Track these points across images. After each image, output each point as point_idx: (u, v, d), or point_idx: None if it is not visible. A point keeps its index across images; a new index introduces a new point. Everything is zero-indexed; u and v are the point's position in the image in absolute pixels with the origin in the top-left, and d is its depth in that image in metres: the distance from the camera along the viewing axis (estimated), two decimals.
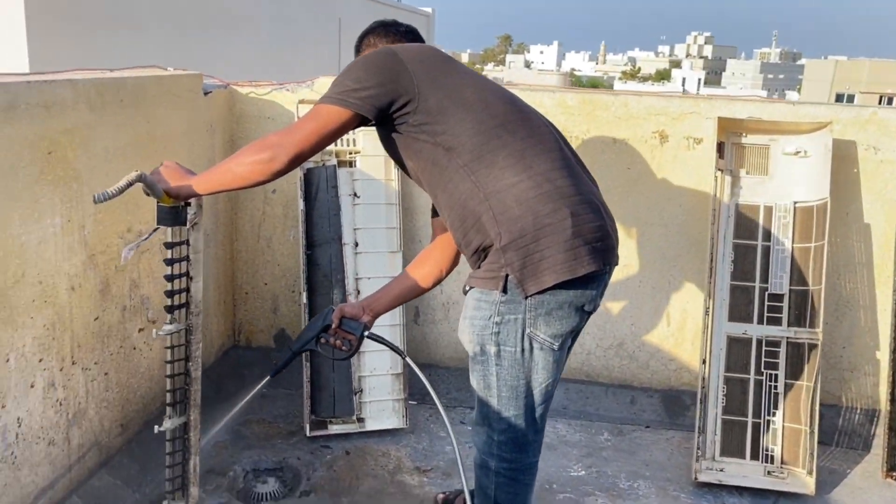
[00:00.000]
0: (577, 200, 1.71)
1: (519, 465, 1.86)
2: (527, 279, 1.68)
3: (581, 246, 1.68)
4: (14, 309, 1.90)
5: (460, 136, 1.71)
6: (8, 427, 1.92)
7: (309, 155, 1.73)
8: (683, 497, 2.52)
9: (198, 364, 2.03)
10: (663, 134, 2.84)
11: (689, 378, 3.02)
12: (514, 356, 1.75)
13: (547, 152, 1.75)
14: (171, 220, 1.87)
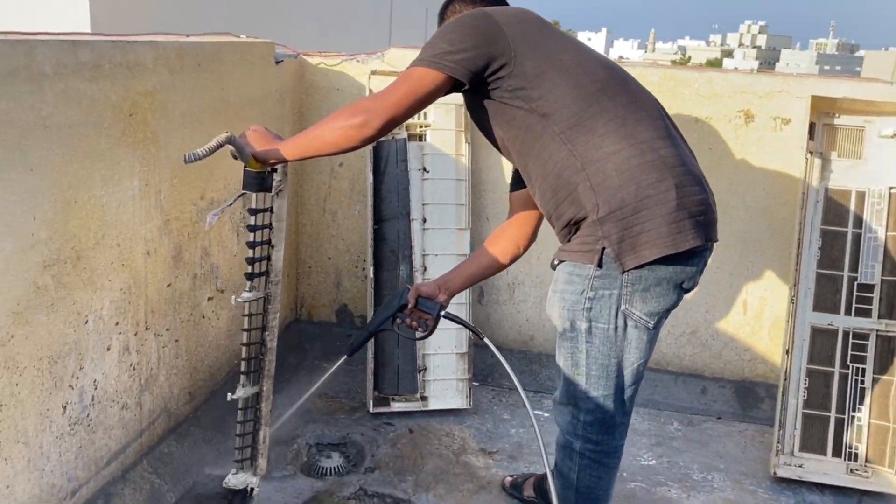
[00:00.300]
0: (681, 171, 1.63)
1: (605, 447, 1.79)
2: (625, 253, 1.60)
3: (685, 219, 1.60)
4: (94, 271, 1.89)
5: (557, 101, 1.63)
6: (85, 389, 1.92)
7: (401, 120, 1.67)
8: (761, 492, 2.42)
9: (274, 334, 2.00)
10: (749, 113, 2.71)
11: (765, 369, 2.90)
12: (607, 333, 1.68)
13: (650, 119, 1.66)
14: (257, 186, 1.83)
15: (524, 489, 2.28)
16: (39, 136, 1.65)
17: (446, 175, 2.85)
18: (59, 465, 1.85)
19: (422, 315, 2.01)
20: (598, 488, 1.83)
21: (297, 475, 2.39)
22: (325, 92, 3.03)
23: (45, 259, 1.71)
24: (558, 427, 1.86)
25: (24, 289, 1.66)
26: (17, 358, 1.67)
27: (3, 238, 1.58)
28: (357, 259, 3.17)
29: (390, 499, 2.29)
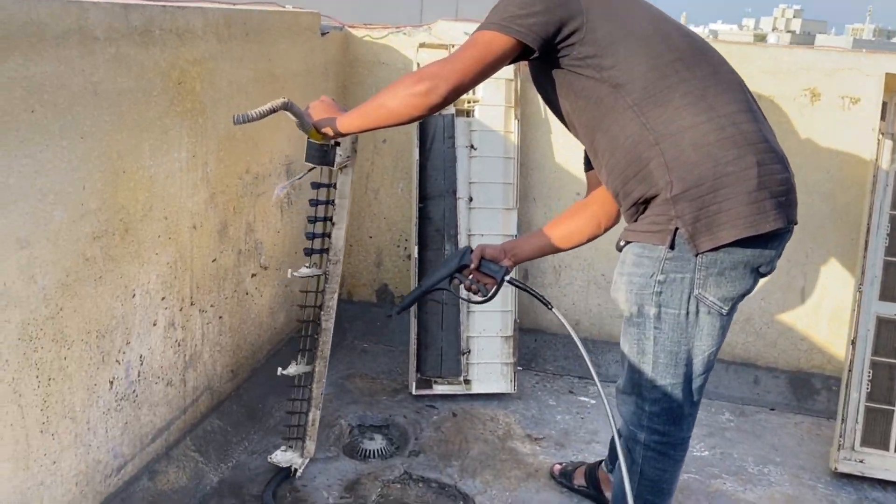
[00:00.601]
0: (763, 148, 1.51)
1: (671, 439, 1.70)
2: (700, 234, 1.49)
3: (766, 199, 1.49)
4: (141, 244, 1.84)
5: (631, 70, 1.52)
6: (131, 364, 1.87)
7: (468, 87, 1.58)
8: (821, 487, 2.32)
9: (330, 314, 1.94)
10: (815, 92, 2.58)
11: (821, 360, 2.79)
12: (677, 319, 1.58)
13: (731, 92, 1.55)
14: (319, 159, 1.77)
15: (574, 477, 2.20)
16: (90, 102, 1.59)
17: (494, 153, 2.76)
18: (105, 440, 1.81)
19: (484, 278, 1.86)
20: (662, 481, 1.74)
21: (339, 457, 2.34)
22: (370, 66, 2.95)
23: (94, 230, 1.66)
24: (621, 417, 1.77)
25: (73, 260, 1.61)
26: (66, 331, 1.62)
27: (54, 206, 1.53)
28: (399, 238, 3.11)
29: (436, 484, 2.23)
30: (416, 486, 2.22)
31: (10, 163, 1.41)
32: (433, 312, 2.74)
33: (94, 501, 1.80)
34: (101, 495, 1.83)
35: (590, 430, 2.57)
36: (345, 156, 1.82)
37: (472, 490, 2.20)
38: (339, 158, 1.80)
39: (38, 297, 1.53)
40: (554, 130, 2.85)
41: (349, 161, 1.83)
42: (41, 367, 1.57)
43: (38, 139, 1.47)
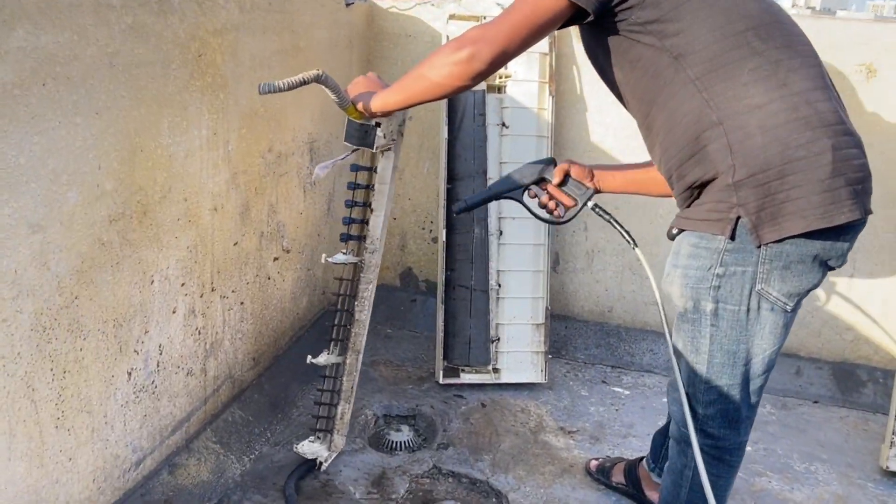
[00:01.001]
0: (839, 130, 1.36)
1: (727, 443, 1.58)
2: (764, 224, 1.36)
3: (841, 187, 1.34)
4: (160, 227, 1.73)
5: (696, 40, 1.37)
6: (150, 354, 1.78)
7: (515, 53, 1.43)
8: (871, 487, 2.20)
9: (364, 305, 1.82)
10: (871, 67, 2.43)
11: (868, 351, 2.66)
12: (736, 316, 1.45)
13: (807, 67, 1.38)
14: (358, 139, 1.63)
15: (612, 474, 2.10)
16: (105, 75, 1.48)
17: (527, 131, 2.63)
18: (123, 434, 1.72)
19: (563, 197, 1.69)
20: (715, 487, 1.59)
21: (365, 448, 2.24)
22: (396, 38, 2.81)
23: (110, 213, 1.56)
24: (673, 419, 1.65)
25: (88, 245, 1.51)
26: (82, 321, 1.52)
27: (68, 188, 1.42)
28: (424, 220, 2.99)
29: (466, 479, 2.14)
30: (445, 482, 2.12)
31: (21, 141, 1.30)
32: (461, 299, 2.62)
33: (112, 498, 1.71)
34: (120, 491, 1.74)
35: (625, 423, 2.46)
36: (389, 138, 1.68)
37: (504, 486, 2.10)
38: (380, 140, 1.66)
39: (51, 284, 1.43)
40: (590, 108, 2.71)
41: (393, 144, 1.69)
42: (56, 360, 1.47)
43: (50, 115, 1.36)
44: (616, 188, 1.75)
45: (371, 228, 1.77)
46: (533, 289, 2.65)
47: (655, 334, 2.84)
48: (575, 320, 2.92)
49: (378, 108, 1.57)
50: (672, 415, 1.64)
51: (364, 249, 1.79)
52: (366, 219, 1.76)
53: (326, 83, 1.51)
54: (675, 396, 1.62)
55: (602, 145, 2.72)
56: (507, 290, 2.64)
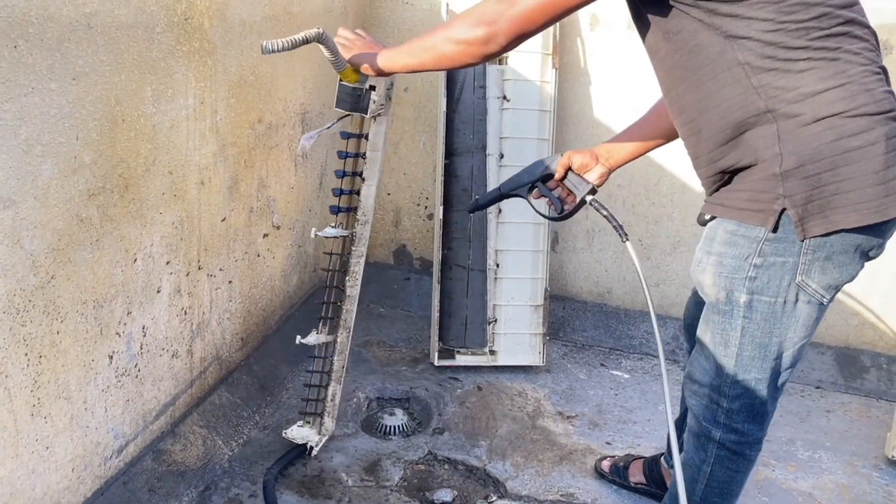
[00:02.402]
0: (892, 115, 1.28)
1: (749, 438, 1.51)
2: (811, 217, 1.28)
3: (894, 179, 1.26)
4: (143, 202, 1.63)
5: (753, 25, 1.25)
6: (133, 336, 1.68)
7: (531, 35, 1.34)
8: (876, 476, 2.15)
9: (355, 280, 1.74)
10: (888, 44, 2.34)
11: (873, 336, 2.61)
12: (772, 308, 1.37)
13: (866, 51, 1.29)
14: (351, 104, 1.55)
15: (630, 474, 2.00)
16: (83, 37, 1.36)
17: (529, 105, 2.53)
18: (104, 420, 1.63)
19: (566, 193, 1.67)
20: (733, 483, 1.56)
21: (358, 433, 2.17)
22: (392, 5, 2.69)
23: (89, 187, 1.45)
24: (691, 412, 1.57)
25: (65, 221, 1.40)
26: (58, 302, 1.42)
27: (42, 160, 1.32)
28: (419, 196, 2.89)
29: (462, 466, 2.07)
30: (441, 468, 2.05)
31: None
32: (458, 279, 2.54)
33: (92, 487, 1.63)
34: (101, 479, 1.65)
35: (625, 408, 2.39)
36: (378, 103, 1.60)
37: (502, 474, 2.04)
38: (374, 105, 1.57)
39: (25, 263, 1.33)
40: (594, 82, 2.61)
41: (384, 110, 1.61)
42: (30, 344, 1.38)
43: (21, 80, 1.24)
44: (626, 159, 1.68)
45: (363, 199, 1.69)
46: (532, 269, 2.56)
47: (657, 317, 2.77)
48: (574, 301, 2.85)
49: (385, 66, 1.49)
50: (691, 409, 1.56)
51: (356, 221, 1.70)
52: (357, 189, 1.68)
53: (326, 43, 1.43)
54: (694, 389, 1.54)
55: (606, 120, 2.63)
56: (505, 270, 2.55)
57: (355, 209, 1.71)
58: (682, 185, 2.61)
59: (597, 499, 1.97)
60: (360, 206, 1.70)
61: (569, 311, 2.84)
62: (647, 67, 2.47)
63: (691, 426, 1.57)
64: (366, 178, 1.67)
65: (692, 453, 1.57)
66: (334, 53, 1.47)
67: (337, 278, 1.80)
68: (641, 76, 2.52)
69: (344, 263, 1.79)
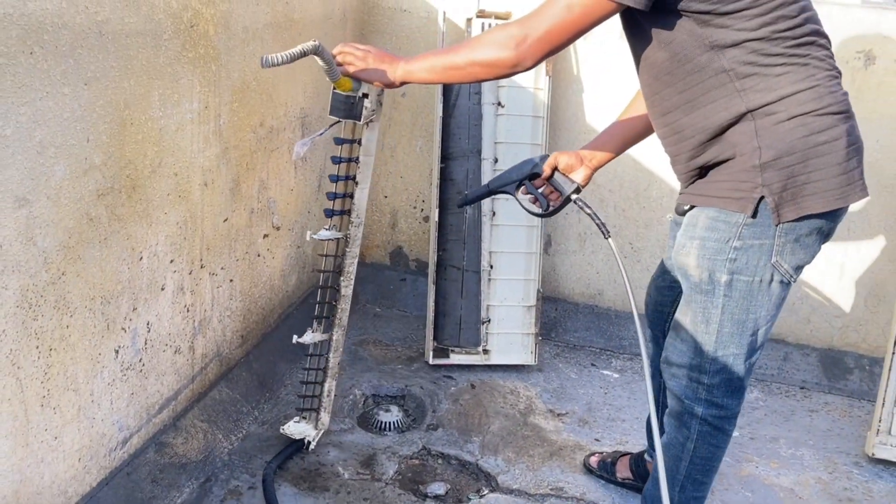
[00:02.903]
0: (850, 115, 1.47)
1: (729, 412, 1.64)
2: (785, 204, 1.44)
3: (854, 169, 1.45)
4: (149, 202, 1.69)
5: (738, 36, 1.40)
6: (138, 332, 1.74)
7: (558, 52, 1.48)
8: (856, 473, 2.22)
9: (349, 280, 1.81)
10: (870, 55, 2.41)
11: (856, 338, 2.68)
12: (750, 287, 1.52)
13: (828, 59, 1.46)
14: (345, 112, 1.62)
15: (617, 470, 2.07)
16: (94, 44, 1.43)
17: (523, 111, 2.60)
18: (110, 413, 1.69)
19: (551, 192, 1.77)
20: (714, 459, 1.67)
21: (354, 429, 2.23)
22: (391, 13, 2.75)
23: (99, 187, 1.51)
24: (671, 394, 1.67)
25: (76, 220, 1.47)
26: (68, 297, 1.49)
27: (55, 161, 1.38)
28: (415, 199, 2.95)
29: (456, 461, 2.13)
30: (435, 463, 2.12)
31: (8, 111, 1.25)
32: (452, 279, 2.60)
33: (98, 476, 1.69)
34: (106, 470, 1.71)
35: (614, 407, 2.46)
36: (371, 109, 1.67)
37: (494, 468, 2.10)
38: (367, 112, 1.65)
39: (38, 260, 1.39)
40: (586, 89, 2.68)
41: (375, 116, 1.69)
42: (41, 337, 1.44)
43: (37, 85, 1.31)
44: (607, 158, 1.79)
45: (357, 202, 1.76)
46: (525, 271, 2.63)
47: None
48: (566, 302, 2.92)
49: (404, 79, 1.58)
50: (671, 391, 1.66)
51: (350, 224, 1.77)
52: (350, 192, 1.75)
53: (322, 55, 1.50)
54: (673, 372, 1.65)
55: (598, 126, 2.70)
56: (498, 271, 2.62)
57: (349, 212, 1.77)
58: (671, 189, 2.68)
59: (585, 493, 2.03)
60: (353, 209, 1.76)
61: (561, 313, 2.90)
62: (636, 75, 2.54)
63: (672, 408, 1.67)
64: (359, 181, 1.74)
65: (675, 433, 1.67)
66: (329, 64, 1.54)
67: (332, 279, 1.86)
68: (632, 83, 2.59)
69: (338, 264, 1.85)
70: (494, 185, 1.80)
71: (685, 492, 1.69)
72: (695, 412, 1.62)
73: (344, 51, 1.61)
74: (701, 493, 1.71)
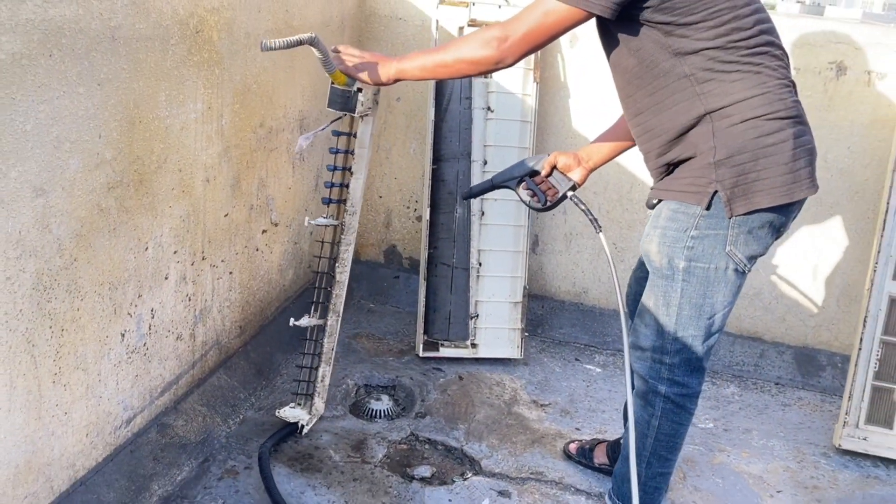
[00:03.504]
0: (799, 120, 1.62)
1: (689, 391, 1.77)
2: (736, 198, 1.58)
3: (801, 169, 1.59)
4: (155, 196, 1.81)
5: (698, 44, 1.55)
6: (143, 317, 1.86)
7: (538, 49, 1.64)
8: (823, 463, 2.34)
9: (344, 267, 1.93)
10: (842, 65, 2.53)
11: (829, 337, 2.79)
12: (706, 273, 1.66)
13: (781, 68, 1.61)
14: (341, 105, 1.77)
15: (595, 456, 2.18)
16: (108, 48, 1.55)
17: (511, 116, 2.72)
18: (115, 392, 1.80)
19: (549, 188, 1.90)
20: (677, 436, 1.80)
21: (346, 416, 2.34)
22: (387, 21, 2.88)
23: (109, 180, 1.63)
24: (637, 375, 1.80)
25: (88, 210, 1.58)
26: (80, 282, 1.60)
27: (70, 155, 1.50)
28: (409, 199, 3.07)
29: (442, 446, 2.24)
30: (422, 448, 2.23)
31: (28, 109, 1.37)
32: (442, 276, 2.72)
33: (103, 452, 1.80)
34: (111, 447, 1.82)
35: (595, 399, 2.57)
36: (366, 105, 1.81)
37: (477, 453, 2.21)
38: (361, 106, 1.78)
39: (52, 246, 1.50)
40: (573, 95, 2.80)
41: (370, 111, 1.82)
42: (54, 318, 1.55)
43: (55, 85, 1.43)
44: (603, 160, 1.94)
45: (352, 191, 1.88)
46: (512, 268, 2.75)
47: None
48: (552, 300, 3.03)
49: (397, 77, 1.71)
50: (637, 372, 1.80)
51: (345, 212, 1.89)
52: (346, 182, 1.87)
53: (318, 46, 1.65)
54: (638, 355, 1.78)
55: (584, 131, 2.82)
56: (487, 268, 2.74)
57: (345, 200, 1.90)
58: None
59: (563, 477, 2.14)
60: (349, 198, 1.89)
61: (547, 310, 3.02)
62: None
63: (638, 388, 1.81)
64: (354, 172, 1.87)
65: (640, 412, 1.80)
66: (325, 55, 1.68)
67: (328, 266, 1.98)
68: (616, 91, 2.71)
69: (334, 251, 1.97)
70: (497, 180, 1.95)
71: (651, 467, 1.81)
72: (658, 391, 1.75)
73: (343, 49, 1.76)
74: (666, 469, 1.83)
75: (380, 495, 1.99)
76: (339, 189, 1.89)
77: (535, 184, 1.90)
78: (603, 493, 2.08)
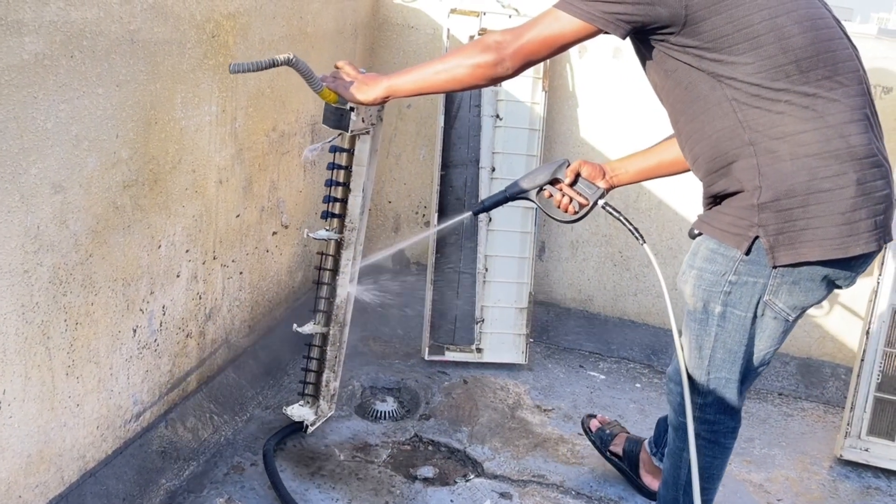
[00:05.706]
0: (868, 163, 1.42)
1: (722, 427, 1.68)
2: (780, 247, 1.43)
3: (861, 220, 1.41)
4: (169, 195, 1.85)
5: (737, 69, 1.42)
6: (154, 314, 1.90)
7: (536, 63, 1.56)
8: (824, 473, 2.35)
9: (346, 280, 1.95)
10: None
11: (832, 348, 2.81)
12: (743, 320, 1.54)
13: (847, 98, 1.43)
14: (334, 122, 1.75)
15: (611, 444, 2.15)
16: (126, 50, 1.60)
17: (520, 124, 2.75)
18: (126, 387, 1.85)
19: (576, 196, 1.77)
20: (712, 468, 1.71)
21: (352, 416, 2.38)
22: (399, 29, 2.93)
23: (125, 179, 1.68)
24: (670, 407, 1.74)
25: (104, 207, 1.63)
26: (94, 277, 1.65)
27: (88, 153, 1.54)
28: (417, 205, 3.11)
29: (445, 448, 2.27)
30: (425, 449, 2.26)
31: (49, 108, 1.42)
32: (449, 281, 2.75)
33: (113, 445, 1.84)
34: (120, 440, 1.86)
35: (599, 405, 2.59)
36: (368, 122, 1.80)
37: (480, 456, 2.24)
38: (357, 124, 1.77)
39: (69, 242, 1.55)
40: (581, 104, 2.83)
41: (372, 128, 1.81)
42: (69, 312, 1.60)
43: (76, 85, 1.47)
44: (631, 179, 1.83)
45: (350, 208, 1.88)
46: (518, 274, 2.78)
47: (633, 323, 2.98)
48: (557, 307, 3.06)
49: (387, 92, 1.65)
50: (670, 404, 1.74)
51: (344, 228, 1.90)
52: (345, 198, 1.87)
53: (297, 67, 1.60)
54: (671, 388, 1.72)
55: (591, 140, 2.85)
56: (493, 274, 2.77)
57: (342, 216, 1.90)
58: (660, 201, 2.83)
59: (564, 481, 2.17)
60: (347, 214, 1.89)
61: (552, 316, 3.05)
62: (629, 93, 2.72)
63: (670, 420, 1.75)
64: (352, 189, 1.87)
65: (673, 444, 1.74)
66: (306, 76, 1.63)
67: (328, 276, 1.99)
68: (625, 101, 2.75)
69: (335, 264, 1.99)
70: (513, 191, 1.80)
71: (688, 496, 1.70)
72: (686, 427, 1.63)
73: (341, 66, 1.73)
74: (705, 496, 1.72)
75: (383, 494, 2.02)
76: (340, 204, 1.89)
77: (559, 192, 1.77)
78: (604, 498, 2.10)
